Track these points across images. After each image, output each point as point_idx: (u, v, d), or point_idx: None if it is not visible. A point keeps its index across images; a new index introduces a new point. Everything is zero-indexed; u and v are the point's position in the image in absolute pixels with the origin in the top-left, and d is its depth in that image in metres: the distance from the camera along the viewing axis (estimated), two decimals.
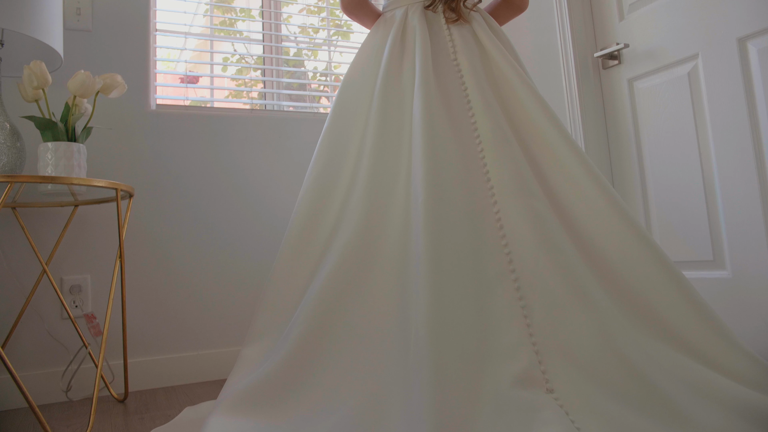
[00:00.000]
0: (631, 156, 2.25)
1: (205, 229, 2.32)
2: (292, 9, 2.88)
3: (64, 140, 1.86)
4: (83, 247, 2.14)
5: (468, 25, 1.68)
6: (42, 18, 1.85)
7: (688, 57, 2.03)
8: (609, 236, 1.43)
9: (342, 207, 1.54)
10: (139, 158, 2.26)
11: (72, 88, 1.85)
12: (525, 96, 1.57)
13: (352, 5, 1.76)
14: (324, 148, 1.65)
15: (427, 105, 1.48)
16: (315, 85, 2.91)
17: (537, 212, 1.40)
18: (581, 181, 1.47)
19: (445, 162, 1.42)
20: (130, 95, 2.25)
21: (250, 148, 2.45)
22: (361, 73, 1.69)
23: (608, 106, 2.35)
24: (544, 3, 2.47)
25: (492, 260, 1.33)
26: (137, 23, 2.34)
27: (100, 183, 1.76)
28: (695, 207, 2.02)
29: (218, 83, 2.85)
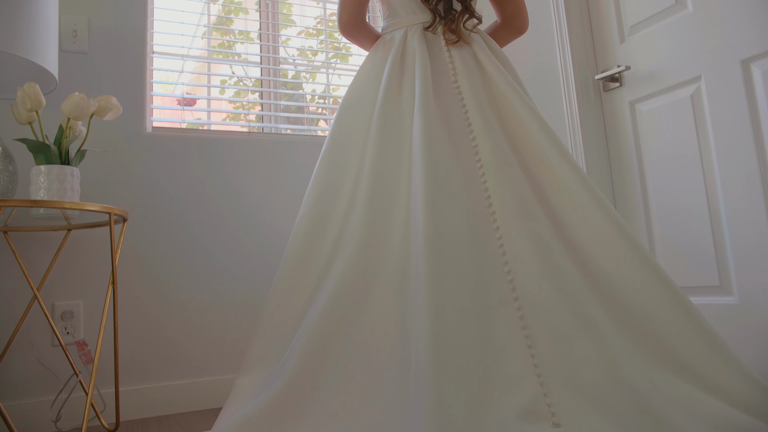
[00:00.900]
0: (633, 179, 2.22)
1: (201, 253, 2.28)
2: (290, 32, 2.87)
3: (58, 163, 1.83)
4: (76, 272, 2.09)
5: (468, 47, 1.66)
6: (37, 39, 1.82)
7: (691, 79, 2.01)
8: (614, 261, 1.39)
9: (340, 231, 1.51)
10: (133, 181, 2.22)
11: (66, 111, 1.82)
12: (526, 118, 1.54)
13: (351, 27, 1.75)
14: (322, 171, 1.62)
15: (427, 127, 1.46)
16: (313, 107, 2.89)
17: (540, 237, 1.37)
18: (584, 205, 1.44)
19: (445, 186, 1.39)
20: (126, 117, 2.22)
21: (246, 171, 2.41)
22: (360, 95, 1.66)
23: (609, 128, 2.33)
24: (544, 24, 2.45)
25: (494, 287, 1.30)
26: (134, 45, 2.32)
27: (93, 207, 1.72)
28: (700, 231, 1.98)
29: (215, 106, 2.83)
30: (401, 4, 1.71)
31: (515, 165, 1.47)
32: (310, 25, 2.93)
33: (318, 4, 2.94)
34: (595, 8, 2.38)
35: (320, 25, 2.92)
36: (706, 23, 1.96)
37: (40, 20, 1.85)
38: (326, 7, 2.92)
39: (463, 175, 1.43)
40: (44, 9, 1.88)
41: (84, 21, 2.25)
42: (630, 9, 2.23)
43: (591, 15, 2.39)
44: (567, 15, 2.37)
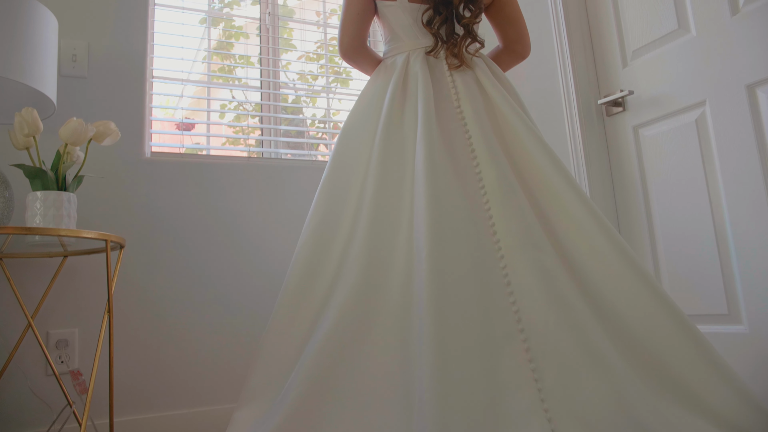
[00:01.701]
0: (638, 205, 2.19)
1: (199, 281, 2.24)
2: (290, 56, 2.86)
3: (54, 189, 1.80)
4: (72, 300, 2.05)
5: (471, 71, 1.65)
6: (36, 64, 1.81)
7: (695, 104, 1.99)
8: (621, 292, 1.36)
9: (341, 260, 1.48)
10: (131, 207, 2.20)
11: (63, 136, 1.80)
12: (530, 144, 1.52)
13: (352, 51, 1.73)
14: (322, 198, 1.59)
15: (429, 154, 1.43)
16: (313, 132, 2.87)
17: (546, 267, 1.34)
18: (591, 233, 1.41)
19: (449, 214, 1.36)
20: (125, 142, 2.19)
21: (246, 196, 2.39)
22: (361, 120, 1.64)
23: (613, 153, 2.31)
24: (546, 48, 2.44)
25: (500, 319, 1.27)
26: (134, 70, 2.31)
27: (89, 234, 1.69)
28: (707, 258, 1.95)
29: (215, 130, 2.81)
30: (403, 28, 1.70)
31: (520, 192, 1.44)
32: (310, 49, 2.93)
33: (318, 28, 2.93)
34: (597, 33, 2.37)
35: (321, 49, 2.91)
36: (709, 48, 1.95)
37: (39, 45, 1.84)
38: (327, 32, 2.92)
39: (466, 203, 1.40)
40: (44, 34, 1.86)
41: (84, 45, 2.24)
42: (632, 33, 2.22)
43: (593, 39, 2.38)
44: (569, 39, 2.36)
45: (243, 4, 2.83)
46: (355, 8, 1.70)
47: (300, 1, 2.98)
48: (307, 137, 2.82)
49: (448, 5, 1.63)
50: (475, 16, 1.66)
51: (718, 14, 1.92)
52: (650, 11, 2.14)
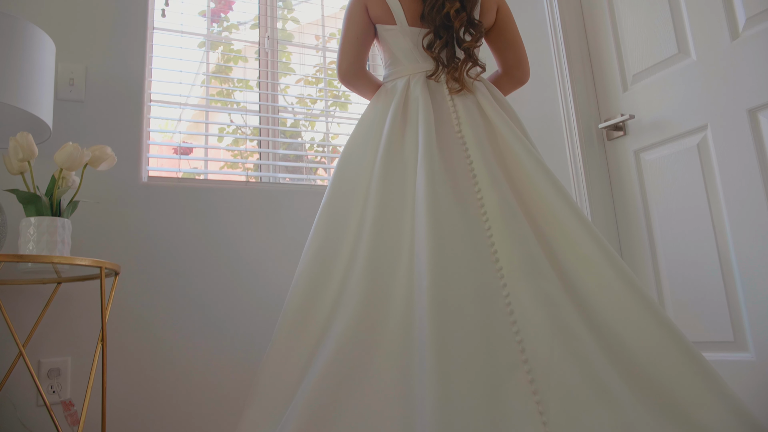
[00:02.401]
0: (640, 230, 2.17)
1: (196, 308, 2.20)
2: (289, 80, 2.85)
3: (48, 215, 1.77)
4: (65, 327, 2.01)
5: (472, 96, 1.64)
6: (32, 89, 1.79)
7: (697, 128, 1.98)
8: (626, 320, 1.33)
9: (340, 289, 1.45)
10: (127, 233, 2.16)
11: (59, 161, 1.78)
12: (532, 169, 1.50)
13: (350, 75, 1.72)
14: (322, 224, 1.57)
15: (430, 179, 1.41)
16: (312, 156, 2.86)
17: (549, 295, 1.31)
18: (594, 260, 1.39)
19: (450, 241, 1.34)
20: (121, 167, 2.17)
21: (244, 221, 2.36)
22: (361, 145, 1.63)
23: (614, 177, 2.29)
24: (546, 72, 2.44)
25: (503, 350, 1.23)
26: (131, 94, 2.29)
27: (83, 261, 1.66)
28: (711, 284, 1.92)
29: (213, 154, 2.79)
30: (403, 52, 1.69)
31: (522, 219, 1.42)
32: (309, 73, 2.92)
33: (317, 52, 2.93)
34: (596, 57, 2.36)
35: (320, 73, 2.91)
36: (710, 72, 1.94)
37: (35, 69, 1.82)
38: (326, 56, 2.92)
39: (468, 229, 1.38)
40: (41, 58, 1.85)
41: (81, 69, 2.23)
42: (632, 58, 2.21)
43: (593, 63, 2.38)
44: (569, 64, 2.36)
45: (242, 28, 2.83)
46: (354, 32, 1.69)
47: (299, 25, 2.98)
48: (305, 161, 2.80)
49: (449, 29, 1.62)
50: (476, 40, 1.66)
51: (718, 39, 1.91)
52: (650, 35, 2.14)
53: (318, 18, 2.95)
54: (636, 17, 2.20)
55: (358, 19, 1.69)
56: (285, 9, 2.90)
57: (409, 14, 1.66)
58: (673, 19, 2.05)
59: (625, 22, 2.24)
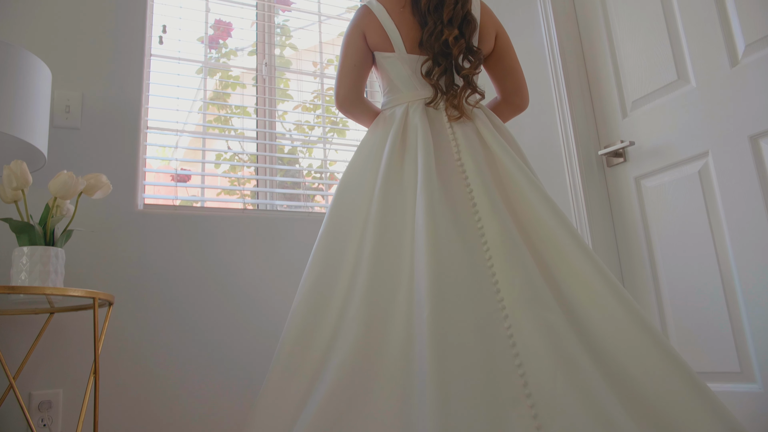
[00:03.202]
0: (642, 257, 2.14)
1: (192, 338, 2.16)
2: (286, 106, 2.84)
3: (42, 244, 1.74)
4: (57, 358, 1.97)
5: (471, 123, 1.62)
6: (27, 117, 1.78)
7: (698, 155, 1.96)
8: (630, 351, 1.30)
9: (339, 319, 1.41)
10: (122, 262, 2.13)
11: (53, 190, 1.75)
12: (533, 197, 1.48)
13: (348, 103, 1.71)
14: (320, 253, 1.54)
15: (430, 208, 1.39)
16: (309, 182, 2.84)
17: (551, 326, 1.28)
18: (597, 289, 1.36)
19: (450, 270, 1.31)
20: (117, 194, 2.14)
21: (241, 249, 2.33)
22: (360, 173, 1.61)
23: (615, 204, 2.27)
24: (544, 98, 2.43)
25: (505, 382, 1.20)
26: (128, 120, 2.28)
27: (76, 293, 1.63)
28: (716, 313, 1.89)
29: (210, 181, 2.77)
30: (402, 80, 1.68)
31: (523, 247, 1.39)
32: (306, 99, 2.92)
33: (315, 78, 2.93)
34: (595, 83, 2.36)
35: (317, 99, 2.90)
36: (710, 99, 1.93)
37: (31, 97, 1.81)
38: (323, 82, 2.91)
39: (468, 258, 1.35)
40: (36, 85, 1.84)
41: (77, 96, 2.22)
42: (631, 84, 2.21)
43: (591, 90, 2.37)
44: (567, 89, 2.35)
45: (240, 54, 2.83)
46: (352, 60, 1.68)
47: (296, 52, 2.98)
48: (303, 188, 2.78)
49: (448, 56, 1.61)
50: (475, 67, 1.65)
51: (717, 65, 1.91)
52: (649, 62, 2.13)
53: (315, 44, 2.96)
54: (634, 43, 2.20)
55: (355, 46, 1.68)
56: (283, 36, 2.90)
57: (407, 41, 1.65)
58: (672, 45, 2.05)
59: (624, 48, 2.24)
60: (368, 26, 1.67)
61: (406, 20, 1.66)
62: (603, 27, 2.32)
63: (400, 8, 1.67)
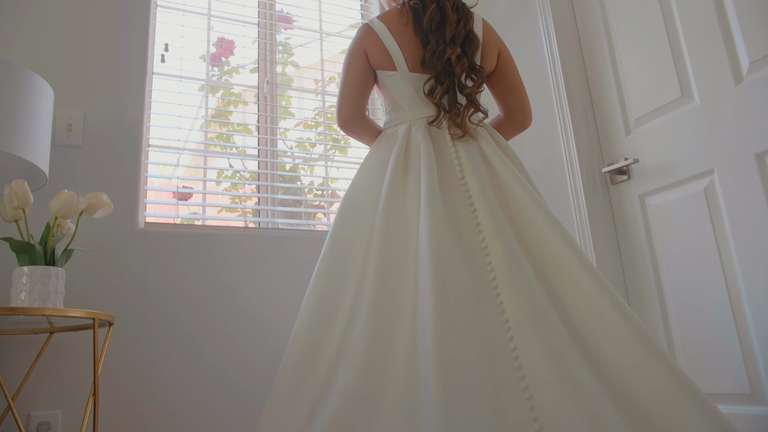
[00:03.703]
0: (647, 275, 2.12)
1: (193, 356, 2.14)
2: (288, 123, 2.84)
3: (42, 263, 1.73)
4: (56, 379, 1.95)
5: (474, 141, 1.61)
6: (28, 136, 1.77)
7: (703, 173, 1.95)
8: (639, 374, 1.27)
9: (342, 340, 1.39)
10: (123, 280, 2.12)
11: (54, 209, 1.74)
12: (538, 217, 1.47)
13: (351, 122, 1.70)
14: (322, 273, 1.52)
15: (433, 229, 1.37)
16: (311, 200, 2.82)
17: (558, 349, 1.25)
18: (603, 311, 1.34)
19: (455, 293, 1.29)
20: (118, 213, 2.13)
21: (243, 268, 2.31)
22: (362, 192, 1.59)
23: (619, 222, 2.25)
24: (547, 115, 2.42)
25: (512, 408, 1.17)
26: (129, 139, 2.27)
27: (75, 313, 1.61)
28: (724, 332, 1.86)
29: (211, 198, 2.76)
30: (404, 98, 1.67)
31: (528, 269, 1.37)
32: (308, 116, 2.91)
33: (317, 96, 2.93)
34: (598, 100, 2.35)
35: (319, 116, 2.90)
36: (715, 116, 1.92)
37: (33, 116, 1.80)
38: (325, 100, 2.91)
39: (473, 280, 1.33)
40: (38, 105, 1.83)
41: (80, 115, 2.21)
42: (634, 101, 2.20)
43: (594, 107, 2.36)
44: (570, 107, 2.34)
45: (242, 71, 2.83)
46: (354, 78, 1.67)
47: (298, 69, 2.98)
48: (305, 206, 2.77)
49: (450, 75, 1.61)
50: (478, 85, 1.64)
51: (721, 83, 1.90)
52: (652, 79, 2.13)
53: (316, 61, 2.96)
54: (637, 61, 2.19)
55: (358, 65, 1.67)
56: (284, 53, 2.90)
57: (409, 60, 1.64)
58: (675, 62, 2.04)
59: (627, 65, 2.23)
60: (370, 45, 1.66)
61: (408, 39, 1.65)
62: (605, 44, 2.32)
63: (402, 27, 1.66)
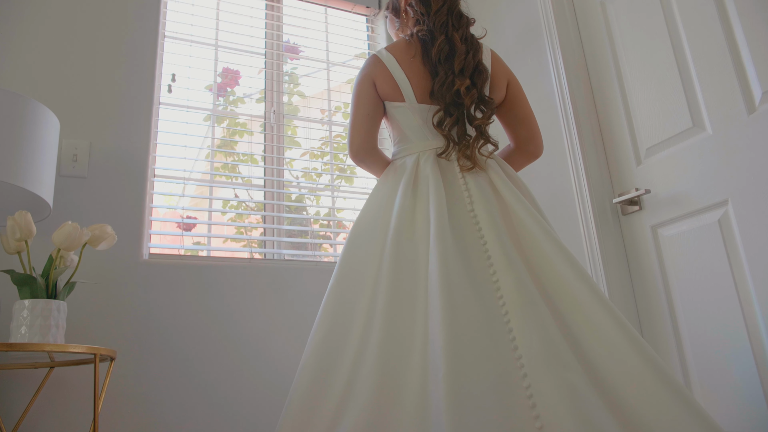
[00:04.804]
0: (661, 307, 2.07)
1: (198, 391, 2.09)
2: (294, 153, 2.82)
3: (44, 296, 1.70)
4: (56, 414, 1.91)
5: (484, 173, 1.59)
6: (33, 167, 1.75)
7: (717, 203, 1.91)
8: (655, 409, 1.23)
9: (350, 378, 1.35)
10: (126, 312, 2.08)
11: (57, 241, 1.72)
12: (549, 249, 1.43)
13: (363, 153, 1.67)
14: (329, 308, 1.48)
15: (443, 263, 1.34)
16: (317, 230, 2.80)
17: (573, 387, 1.21)
18: (617, 344, 1.30)
19: (466, 328, 1.26)
20: (122, 244, 2.10)
21: (248, 300, 2.27)
22: (371, 225, 1.56)
23: (631, 253, 2.21)
24: (556, 146, 2.40)
25: None
26: (135, 169, 2.26)
27: (76, 349, 1.58)
28: (743, 369, 1.80)
29: (216, 230, 2.74)
30: (413, 130, 1.65)
31: (541, 303, 1.34)
32: (314, 146, 2.90)
33: (323, 126, 2.92)
34: (607, 130, 2.33)
35: (325, 146, 2.88)
36: (727, 146, 1.89)
37: (38, 147, 1.79)
38: (331, 129, 2.90)
39: (484, 315, 1.30)
40: (44, 135, 1.82)
41: (85, 145, 2.21)
42: (645, 131, 2.17)
43: (604, 137, 2.34)
44: (579, 137, 2.32)
45: (247, 101, 2.83)
46: (365, 109, 1.66)
47: (304, 99, 2.98)
48: (311, 236, 2.74)
49: (459, 106, 1.59)
50: (488, 117, 1.62)
51: (734, 113, 1.87)
52: (662, 109, 2.10)
53: (322, 91, 2.96)
54: (647, 90, 2.17)
55: (367, 95, 1.66)
56: (291, 83, 2.90)
57: (417, 91, 1.63)
58: (686, 92, 2.02)
59: (636, 95, 2.21)
60: (378, 76, 1.65)
61: (417, 70, 1.64)
62: (614, 74, 2.30)
63: (410, 58, 1.65)
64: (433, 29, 1.64)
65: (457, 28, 1.65)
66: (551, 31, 2.49)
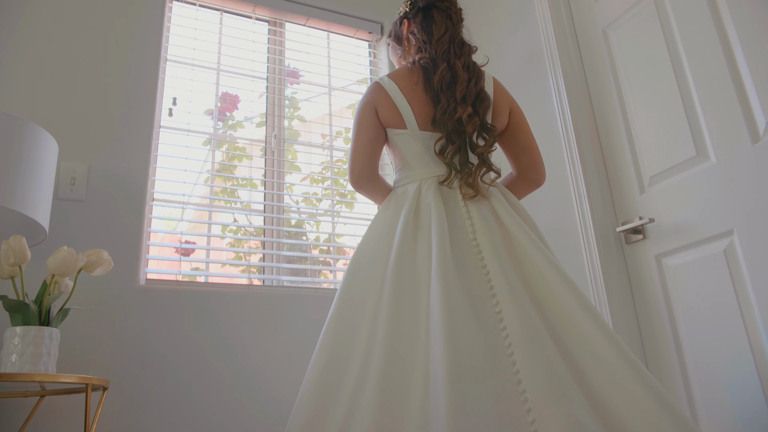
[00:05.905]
0: (666, 339, 2.03)
1: (194, 421, 2.05)
2: (294, 178, 2.80)
3: (36, 323, 1.67)
4: None
5: (486, 201, 1.57)
6: (30, 191, 1.73)
7: (723, 233, 1.88)
8: None
9: (349, 410, 1.32)
10: (121, 340, 2.04)
11: (51, 267, 1.69)
12: (552, 277, 1.41)
13: (363, 180, 1.65)
14: (329, 338, 1.45)
15: (445, 293, 1.31)
16: (317, 256, 2.77)
17: (579, 421, 1.18)
18: (623, 376, 1.27)
19: (469, 361, 1.23)
20: (118, 270, 2.07)
21: (247, 327, 2.23)
22: (372, 253, 1.54)
23: (635, 283, 2.18)
24: (559, 174, 2.38)
25: None
26: (134, 193, 2.24)
27: (68, 379, 1.54)
28: (751, 402, 1.76)
29: (215, 254, 2.71)
30: (414, 157, 1.63)
31: (544, 333, 1.31)
32: (315, 171, 2.88)
33: (324, 150, 2.90)
34: (610, 158, 2.31)
35: (326, 171, 2.87)
36: (732, 176, 1.87)
37: (35, 170, 1.77)
38: (332, 154, 2.89)
39: (487, 347, 1.27)
40: (42, 158, 1.81)
41: (84, 168, 2.19)
42: (648, 160, 2.15)
43: (607, 165, 2.32)
44: (582, 165, 2.30)
45: (247, 125, 2.82)
46: (367, 136, 1.64)
47: (305, 124, 2.97)
48: (310, 262, 2.70)
49: (462, 134, 1.57)
50: (490, 145, 1.60)
51: (738, 142, 1.86)
52: (665, 137, 2.09)
53: (322, 115, 2.95)
54: (649, 118, 2.16)
55: (369, 122, 1.65)
56: (291, 107, 2.89)
57: (419, 118, 1.61)
58: (689, 120, 2.01)
59: (639, 123, 2.20)
60: (380, 103, 1.64)
61: (419, 97, 1.62)
62: (617, 102, 2.29)
63: (413, 85, 1.64)
64: (435, 57, 1.63)
65: (459, 55, 1.65)
66: (553, 58, 2.48)
